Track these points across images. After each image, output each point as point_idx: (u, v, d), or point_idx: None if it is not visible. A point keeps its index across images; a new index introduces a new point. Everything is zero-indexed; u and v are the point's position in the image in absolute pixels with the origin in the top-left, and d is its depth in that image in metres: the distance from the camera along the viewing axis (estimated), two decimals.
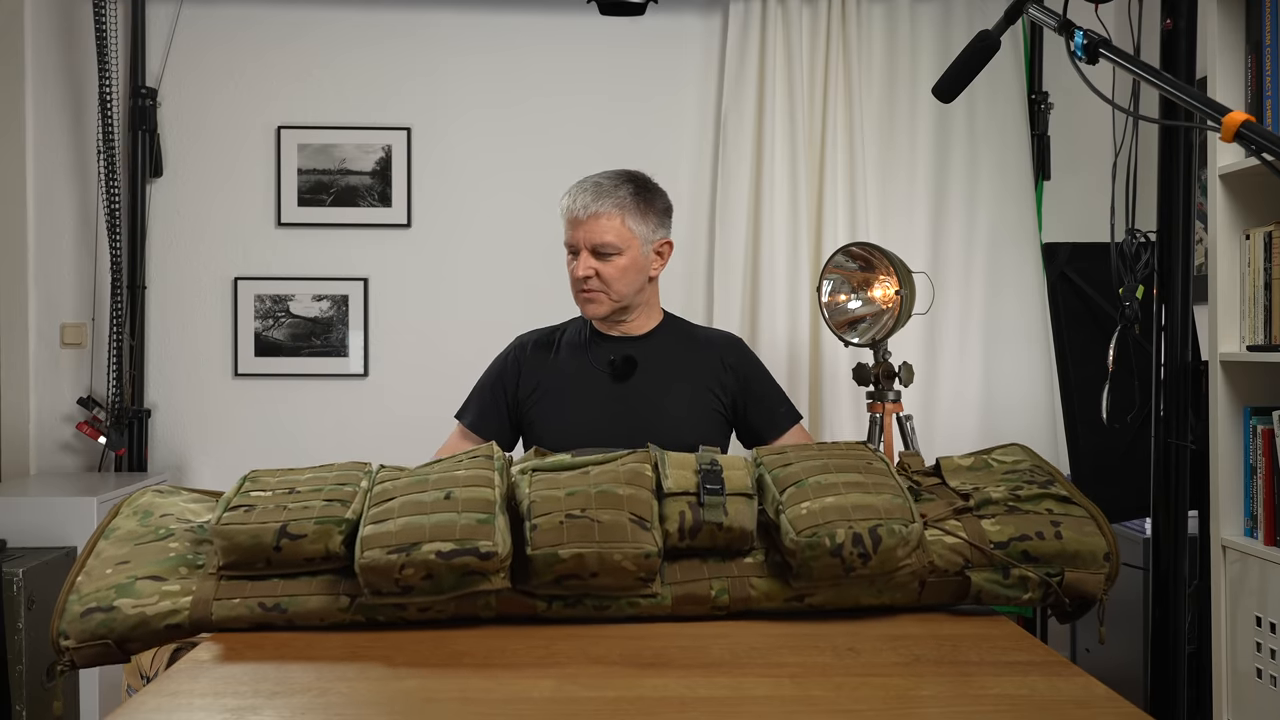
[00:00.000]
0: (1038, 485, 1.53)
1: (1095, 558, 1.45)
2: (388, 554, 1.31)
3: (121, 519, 1.50)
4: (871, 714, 1.11)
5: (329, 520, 1.37)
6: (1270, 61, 1.99)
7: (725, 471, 1.45)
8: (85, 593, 1.37)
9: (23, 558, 2.62)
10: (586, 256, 2.07)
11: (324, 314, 3.39)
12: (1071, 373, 2.33)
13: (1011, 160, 3.35)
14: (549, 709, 1.13)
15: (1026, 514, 1.49)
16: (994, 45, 1.50)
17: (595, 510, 1.37)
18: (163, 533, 1.46)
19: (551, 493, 1.41)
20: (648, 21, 3.27)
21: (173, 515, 1.50)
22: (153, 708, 1.12)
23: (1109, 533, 1.48)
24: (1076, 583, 1.44)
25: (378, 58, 3.40)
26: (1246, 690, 2.01)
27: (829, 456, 1.50)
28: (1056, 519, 1.48)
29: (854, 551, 1.36)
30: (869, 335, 2.60)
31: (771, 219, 3.26)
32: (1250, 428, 2.03)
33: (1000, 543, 1.45)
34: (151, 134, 3.31)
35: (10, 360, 3.30)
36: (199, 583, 1.38)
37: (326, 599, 1.37)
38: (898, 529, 1.37)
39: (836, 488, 1.42)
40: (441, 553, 1.30)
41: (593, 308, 2.11)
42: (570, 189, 2.12)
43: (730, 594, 1.41)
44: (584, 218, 2.07)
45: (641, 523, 1.38)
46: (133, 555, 1.42)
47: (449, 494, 1.38)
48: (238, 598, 1.36)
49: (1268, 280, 1.99)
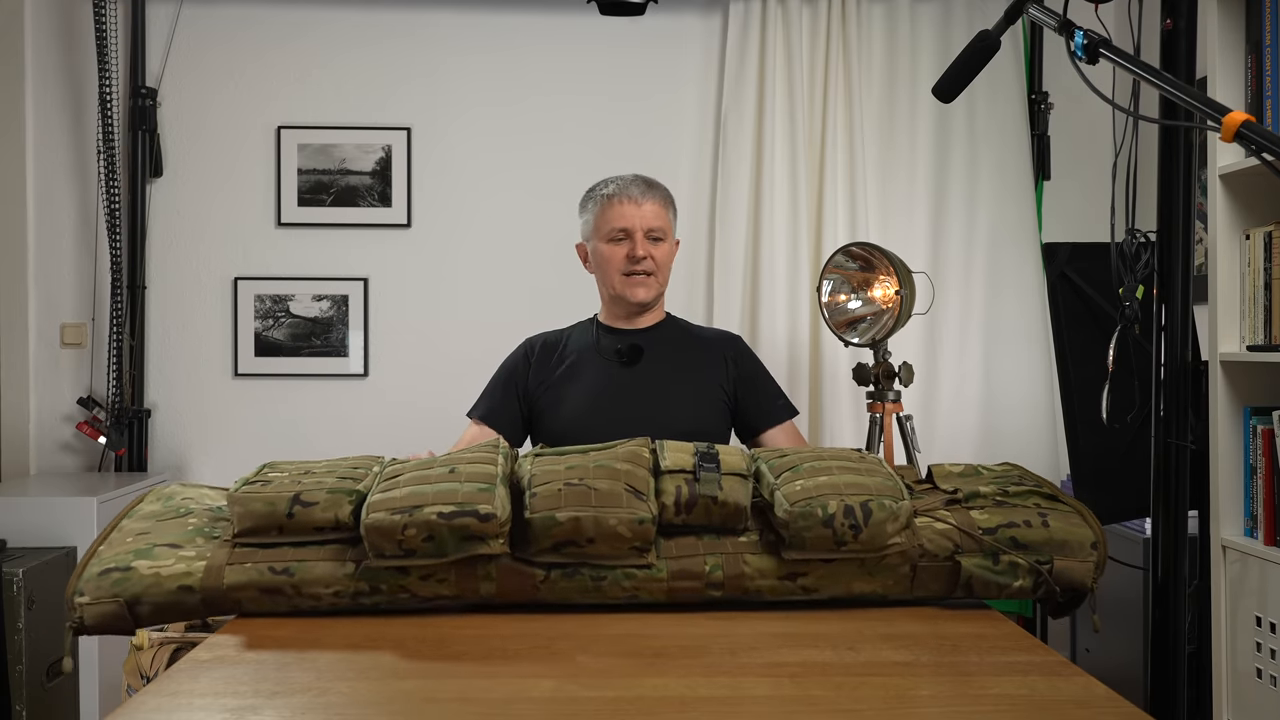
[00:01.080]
0: (1026, 486, 1.57)
1: (1083, 546, 1.48)
2: (391, 515, 1.37)
3: (146, 504, 1.56)
4: (871, 714, 1.11)
5: (340, 491, 1.44)
6: (1270, 61, 1.99)
7: (721, 455, 1.51)
8: (105, 557, 1.42)
9: (23, 558, 2.62)
10: (643, 238, 2.15)
11: (324, 314, 3.39)
12: (1071, 373, 2.33)
13: (1011, 160, 3.35)
14: (549, 709, 1.13)
15: (1014, 506, 1.53)
16: (994, 45, 1.50)
17: (592, 480, 1.43)
18: (183, 511, 1.54)
19: (551, 467, 1.47)
20: (648, 21, 3.27)
21: (194, 499, 1.58)
22: (153, 708, 1.12)
23: (1096, 525, 1.51)
24: (1066, 570, 1.47)
25: (377, 58, 3.40)
26: (1246, 690, 2.01)
27: (823, 452, 1.56)
28: (1044, 511, 1.52)
29: (845, 523, 1.40)
30: (869, 335, 2.60)
31: (771, 219, 3.26)
32: (1250, 428, 2.03)
33: (989, 529, 1.48)
34: (151, 134, 3.31)
35: (10, 360, 3.30)
36: (214, 550, 1.43)
37: (333, 564, 1.41)
38: (888, 504, 1.42)
39: (830, 469, 1.48)
40: (442, 514, 1.36)
41: (643, 291, 2.17)
42: (605, 183, 2.20)
43: (724, 570, 1.45)
44: (642, 201, 2.16)
45: (637, 493, 1.43)
46: (154, 528, 1.48)
47: (453, 469, 1.45)
48: (249, 562, 1.41)
49: (1268, 280, 1.99)
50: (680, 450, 1.52)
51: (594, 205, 2.20)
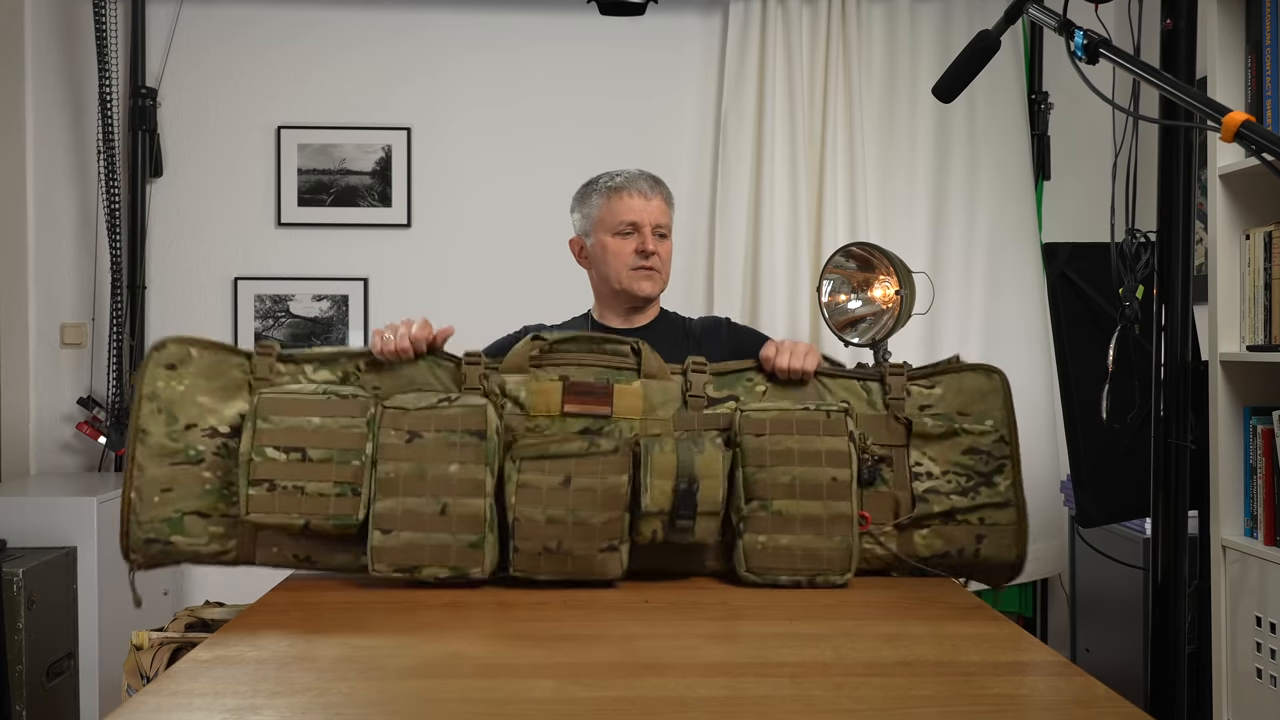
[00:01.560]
0: (985, 481, 1.72)
1: (1003, 568, 1.73)
2: (393, 571, 1.61)
3: (148, 418, 1.69)
4: (871, 714, 1.11)
5: (343, 521, 1.62)
6: (1270, 61, 1.99)
7: (701, 489, 1.61)
8: (144, 520, 1.67)
9: (23, 558, 2.62)
10: (650, 233, 2.14)
11: (324, 314, 3.39)
12: (1071, 373, 2.32)
13: (1011, 160, 3.35)
14: (549, 709, 1.13)
15: (959, 524, 1.71)
16: (994, 45, 1.50)
17: (570, 541, 1.60)
18: (193, 454, 1.69)
19: (533, 514, 1.60)
20: (648, 21, 3.27)
21: (196, 426, 1.70)
22: (153, 708, 1.12)
23: (1023, 544, 1.72)
24: (976, 580, 1.76)
25: (378, 58, 3.39)
26: (1246, 690, 2.01)
27: (801, 464, 1.66)
28: (983, 532, 1.71)
29: (792, 584, 1.64)
30: (869, 335, 2.59)
31: (771, 219, 3.26)
32: (1250, 428, 2.03)
33: (925, 557, 1.71)
34: (151, 134, 3.31)
35: (10, 360, 3.30)
36: (240, 534, 1.67)
37: (348, 556, 1.67)
38: (834, 578, 1.64)
39: (794, 525, 1.63)
40: (439, 577, 1.61)
41: (649, 285, 2.15)
42: (610, 176, 2.18)
43: (685, 566, 1.70)
44: (651, 196, 2.15)
45: (611, 548, 1.60)
46: (173, 482, 1.68)
47: (444, 508, 1.60)
48: (274, 547, 1.67)
49: (1268, 280, 1.99)
50: (664, 476, 1.60)
51: (599, 198, 2.17)
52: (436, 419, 1.63)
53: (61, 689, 2.68)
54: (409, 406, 1.65)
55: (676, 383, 1.75)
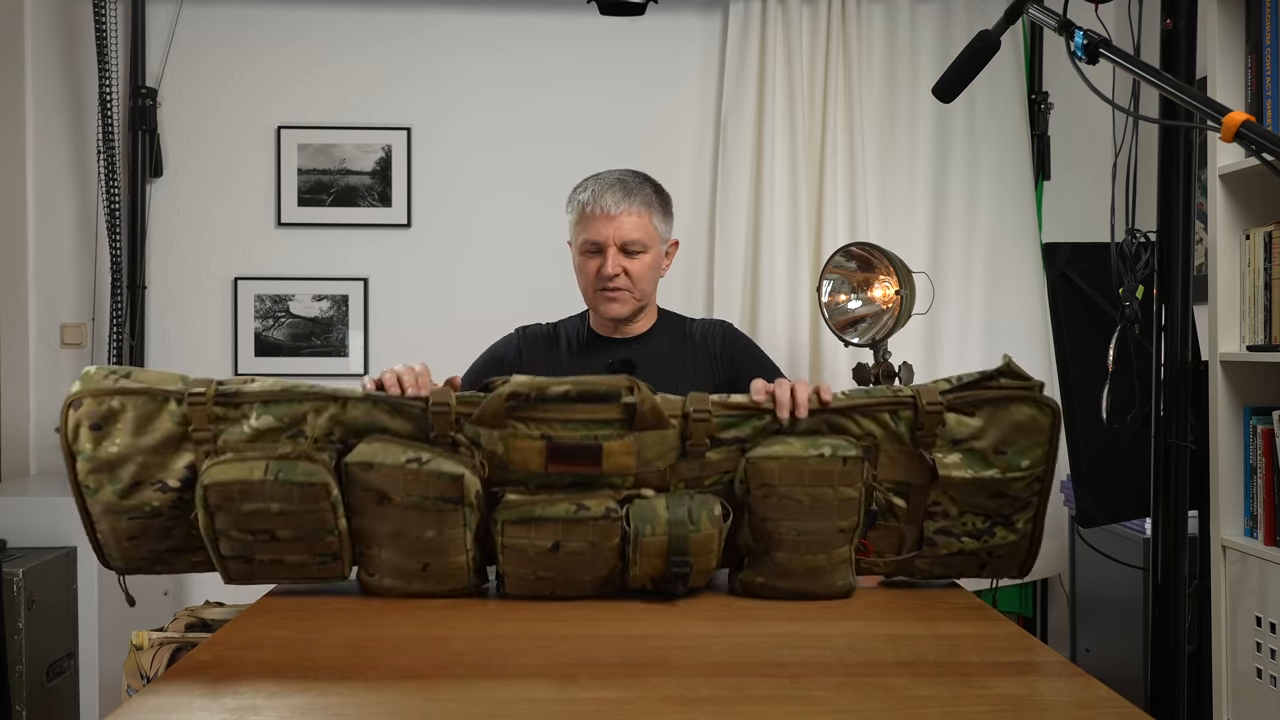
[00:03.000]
0: (1003, 522, 1.62)
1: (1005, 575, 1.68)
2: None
3: (87, 476, 1.54)
4: (871, 714, 1.11)
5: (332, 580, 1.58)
6: (1270, 61, 1.99)
7: (693, 556, 1.51)
8: (117, 560, 1.60)
9: (23, 558, 2.62)
10: (615, 254, 2.01)
11: (324, 314, 3.39)
12: (1071, 373, 2.32)
13: (1011, 160, 3.35)
14: (549, 709, 1.13)
15: (964, 555, 1.64)
16: (994, 45, 1.50)
17: (561, 589, 1.55)
18: (150, 510, 1.56)
19: (523, 573, 1.55)
20: (648, 21, 3.27)
21: (143, 483, 1.55)
22: (153, 707, 1.12)
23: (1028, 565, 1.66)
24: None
25: (378, 58, 3.39)
26: (1246, 690, 2.01)
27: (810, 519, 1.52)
28: (985, 562, 1.64)
29: None
30: (869, 335, 2.60)
31: (771, 219, 3.26)
32: (1250, 428, 2.03)
33: (922, 577, 1.66)
34: (151, 134, 3.31)
35: (10, 360, 3.30)
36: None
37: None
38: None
39: (795, 575, 1.56)
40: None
41: (616, 307, 2.05)
42: (586, 186, 2.07)
43: None
44: (615, 214, 2.01)
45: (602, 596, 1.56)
46: (138, 532, 1.58)
47: (425, 566, 1.55)
48: None
49: (1268, 280, 1.99)
50: (653, 559, 1.51)
51: (572, 211, 2.08)
52: (405, 479, 1.49)
53: (61, 689, 2.68)
54: (373, 462, 1.49)
55: (675, 431, 1.54)
